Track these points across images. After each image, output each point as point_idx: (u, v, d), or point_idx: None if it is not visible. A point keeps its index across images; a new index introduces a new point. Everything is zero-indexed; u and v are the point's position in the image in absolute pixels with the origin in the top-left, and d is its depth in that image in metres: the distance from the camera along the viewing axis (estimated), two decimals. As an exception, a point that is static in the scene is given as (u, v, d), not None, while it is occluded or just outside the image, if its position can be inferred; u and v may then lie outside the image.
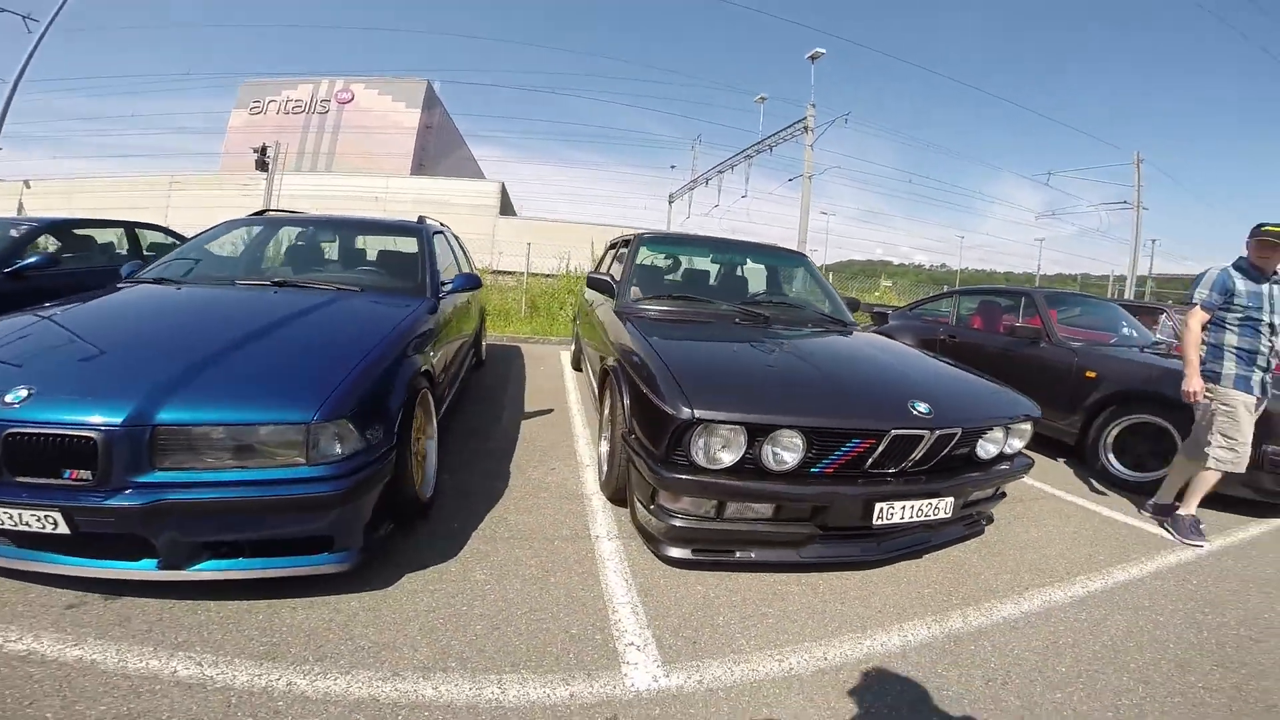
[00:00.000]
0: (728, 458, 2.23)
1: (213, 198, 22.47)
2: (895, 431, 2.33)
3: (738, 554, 2.42)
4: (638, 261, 4.03)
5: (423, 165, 29.69)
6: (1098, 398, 4.11)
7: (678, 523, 2.33)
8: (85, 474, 1.73)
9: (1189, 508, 3.27)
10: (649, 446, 2.37)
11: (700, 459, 2.21)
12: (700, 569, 2.44)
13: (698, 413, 2.16)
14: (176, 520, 1.78)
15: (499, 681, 1.71)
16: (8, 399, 1.73)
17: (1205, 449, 3.12)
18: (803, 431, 2.26)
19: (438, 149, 31.76)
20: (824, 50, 14.04)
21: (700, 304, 3.69)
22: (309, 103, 29.94)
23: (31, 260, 4.13)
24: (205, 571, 1.86)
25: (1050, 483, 4.00)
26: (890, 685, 1.88)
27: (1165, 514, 3.39)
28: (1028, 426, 2.79)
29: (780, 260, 4.59)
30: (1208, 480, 3.18)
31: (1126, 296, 19.25)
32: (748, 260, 4.51)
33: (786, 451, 2.26)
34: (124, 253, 5.58)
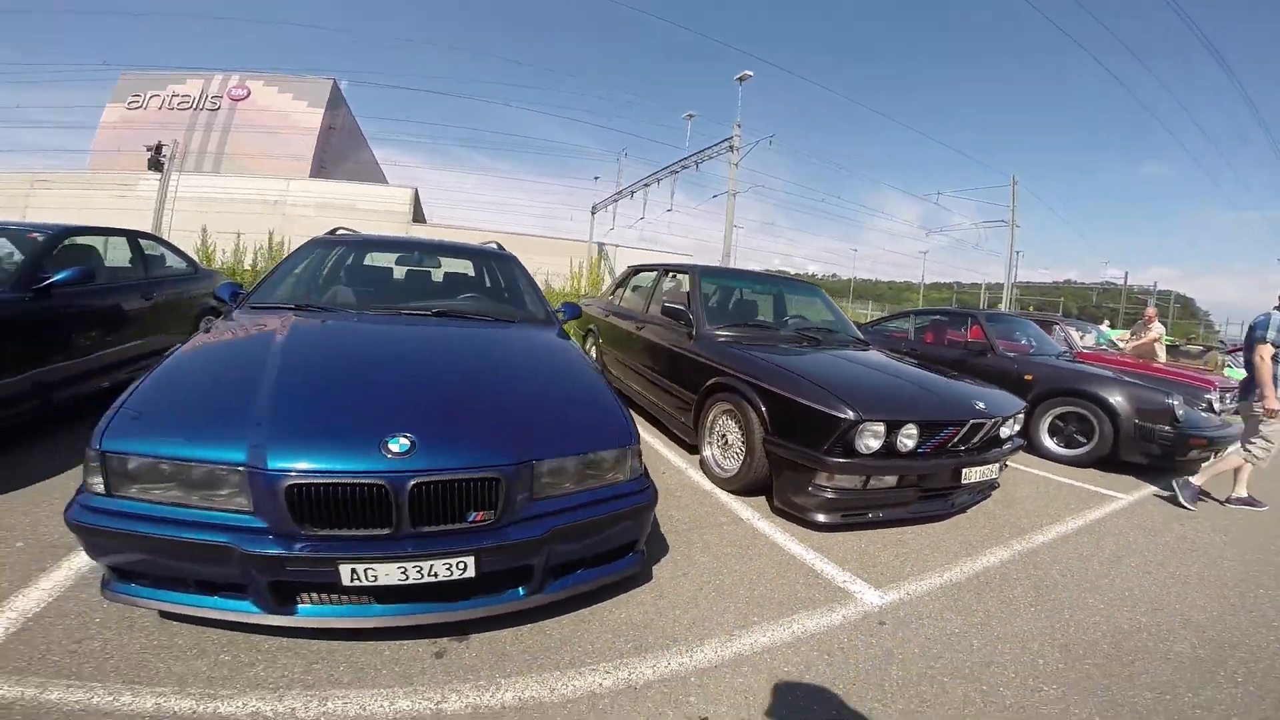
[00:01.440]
0: (875, 445, 3.12)
1: (83, 199, 20.25)
2: (973, 421, 3.37)
3: (869, 515, 3.32)
4: (704, 293, 4.80)
5: (323, 167, 28.22)
6: (1035, 394, 5.47)
7: (829, 495, 3.18)
8: (489, 514, 1.87)
9: (1202, 479, 4.47)
10: (808, 444, 3.19)
11: (861, 448, 3.09)
12: (838, 530, 3.29)
13: (862, 416, 3.05)
14: (555, 546, 1.96)
15: (793, 620, 2.42)
16: (393, 448, 1.79)
17: (1249, 447, 4.31)
18: (919, 424, 3.21)
19: (339, 151, 30.31)
20: (751, 73, 15.53)
21: (769, 330, 4.58)
22: (197, 98, 27.64)
23: (66, 275, 3.64)
24: (558, 592, 2.04)
25: (1013, 461, 5.28)
26: (1004, 584, 2.87)
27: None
28: (1021, 415, 3.93)
29: (807, 292, 5.61)
30: (1233, 465, 4.43)
31: (1003, 304, 22.77)
32: (783, 292, 5.46)
33: (909, 439, 3.20)
34: (128, 264, 5.02)
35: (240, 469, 1.73)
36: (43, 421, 3.55)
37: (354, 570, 1.72)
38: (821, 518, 3.24)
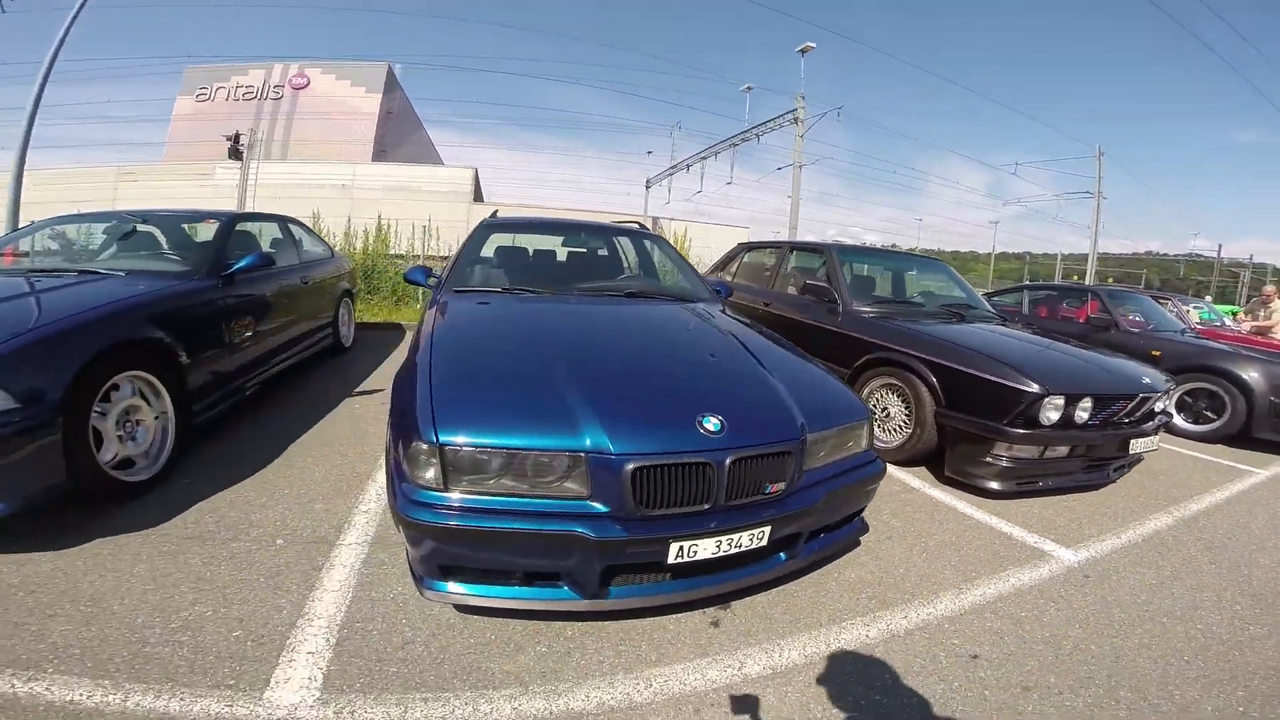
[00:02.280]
0: (1055, 417, 3.36)
1: (165, 189, 21.26)
2: (1141, 395, 3.57)
3: (1040, 483, 3.57)
4: (849, 273, 5.01)
5: (383, 151, 28.92)
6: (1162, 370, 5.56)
7: (1005, 465, 3.44)
8: (781, 485, 1.99)
9: None
10: (988, 415, 3.43)
11: (1043, 420, 3.33)
12: (1010, 497, 3.54)
13: (1048, 389, 3.29)
14: (819, 514, 2.13)
15: (1009, 575, 2.75)
16: (709, 428, 1.90)
17: None
18: (1094, 398, 3.44)
19: (397, 135, 31.00)
20: (814, 44, 15.38)
21: (914, 306, 4.82)
22: (261, 89, 28.48)
23: (249, 261, 3.71)
24: (809, 556, 2.23)
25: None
26: (1177, 545, 3.13)
27: None
28: (1173, 390, 4.08)
29: (934, 268, 5.80)
30: None
31: (1088, 276, 22.36)
32: (913, 268, 5.65)
33: (1085, 411, 3.43)
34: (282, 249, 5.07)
35: (582, 455, 1.79)
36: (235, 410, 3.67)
37: (681, 547, 1.82)
38: (997, 485, 3.50)
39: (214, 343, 3.36)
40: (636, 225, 4.74)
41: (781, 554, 2.13)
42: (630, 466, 1.79)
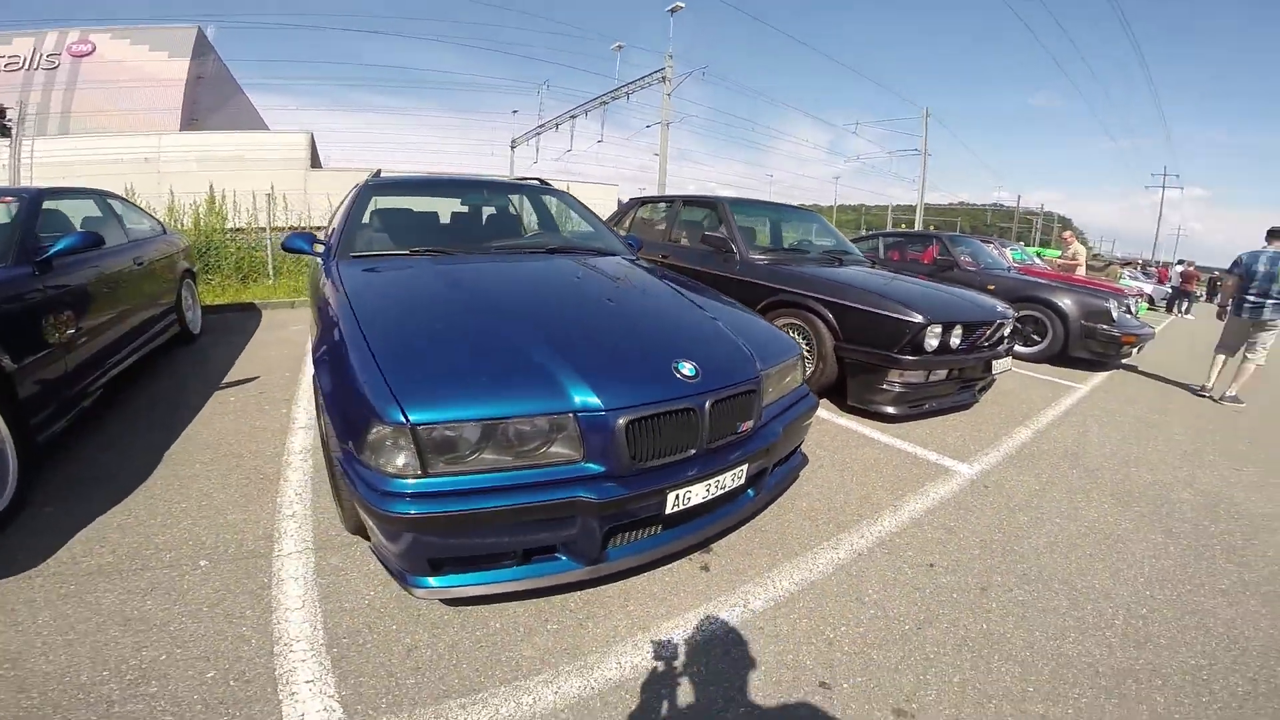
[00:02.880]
0: (935, 344, 3.68)
1: None
2: (999, 320, 4.02)
3: (926, 405, 3.93)
4: (737, 224, 5.09)
5: (194, 120, 25.43)
6: (995, 303, 6.34)
7: (899, 390, 3.75)
8: (749, 424, 2.00)
9: (1235, 388, 5.31)
10: (882, 346, 3.69)
11: (926, 347, 3.63)
12: (904, 420, 3.86)
13: (929, 319, 3.58)
14: (777, 448, 2.16)
15: (928, 491, 2.99)
16: (685, 372, 1.85)
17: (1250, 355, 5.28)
18: (964, 324, 3.81)
19: (211, 101, 27.38)
20: (683, 4, 15.39)
21: (800, 252, 5.02)
22: (29, 59, 23.86)
23: (69, 242, 3.04)
24: (770, 491, 2.26)
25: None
26: (1045, 455, 3.58)
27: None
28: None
29: (809, 218, 6.07)
30: (1251, 371, 5.29)
31: (917, 224, 24.79)
32: (791, 218, 5.88)
33: (957, 337, 3.79)
34: (106, 228, 4.16)
35: (570, 415, 1.65)
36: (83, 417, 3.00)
37: (676, 496, 1.78)
38: (893, 410, 3.79)
39: (40, 342, 2.64)
40: (535, 180, 4.46)
41: (750, 490, 2.14)
42: (622, 420, 1.68)
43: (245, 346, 5.22)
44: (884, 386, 3.75)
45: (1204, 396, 5.48)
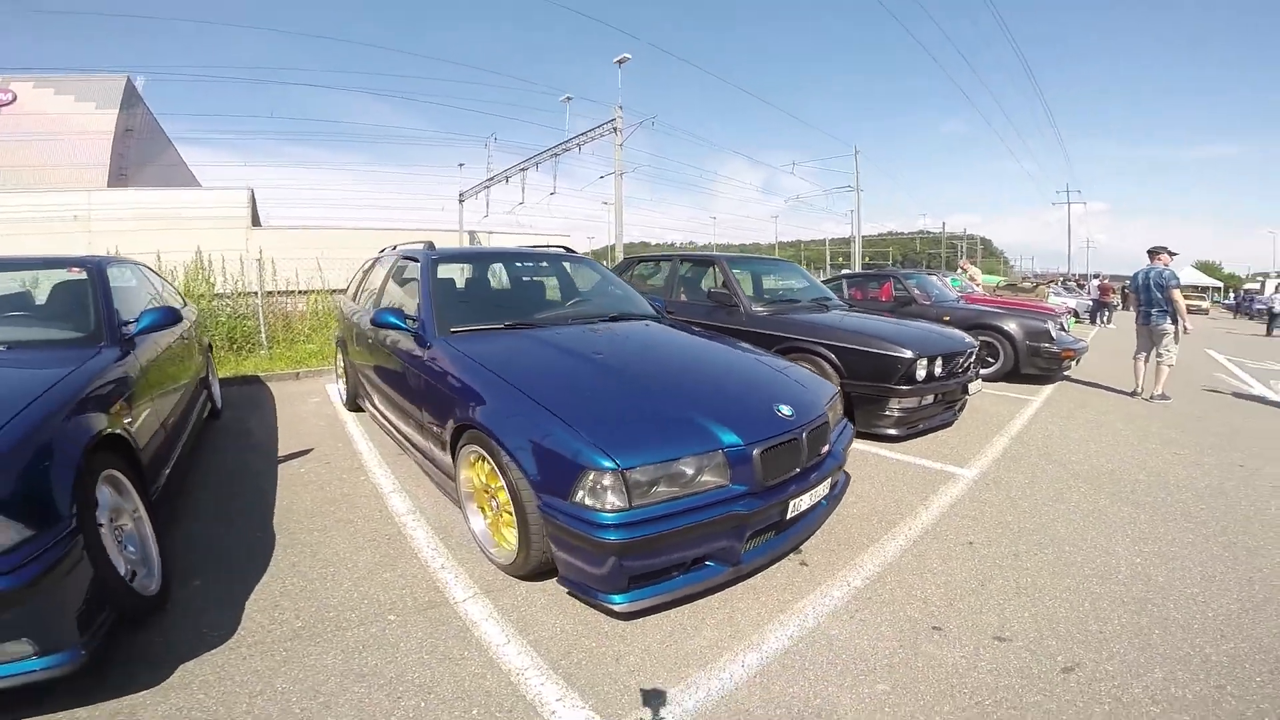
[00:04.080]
0: (923, 374, 4.38)
1: None
2: (969, 350, 4.78)
3: (920, 425, 4.59)
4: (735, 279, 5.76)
5: (123, 174, 24.39)
6: (951, 331, 7.21)
7: (898, 414, 4.41)
8: (826, 447, 2.58)
9: (1159, 387, 6.25)
10: (881, 379, 4.36)
11: (917, 377, 4.33)
12: (904, 440, 4.50)
13: (917, 354, 4.29)
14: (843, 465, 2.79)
15: (942, 493, 3.62)
16: (785, 412, 2.42)
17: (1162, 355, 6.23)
18: (943, 356, 4.54)
19: (141, 155, 26.33)
20: (630, 55, 16.43)
21: (793, 301, 5.73)
22: None
23: (152, 320, 3.08)
24: (839, 499, 2.89)
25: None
26: (1022, 456, 4.28)
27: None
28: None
29: (789, 269, 6.84)
30: (1165, 372, 6.25)
31: (855, 259, 26.31)
32: (775, 271, 6.62)
33: (939, 367, 4.51)
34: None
35: (720, 451, 2.14)
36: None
37: (792, 504, 2.32)
38: (894, 431, 4.44)
39: (149, 421, 2.75)
40: (562, 249, 4.93)
41: (824, 500, 2.61)
42: (757, 451, 2.22)
43: (276, 420, 5.24)
44: (886, 413, 4.40)
45: (1136, 397, 6.40)
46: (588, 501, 2.00)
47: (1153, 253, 6.38)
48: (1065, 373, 7.23)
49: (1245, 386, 7.51)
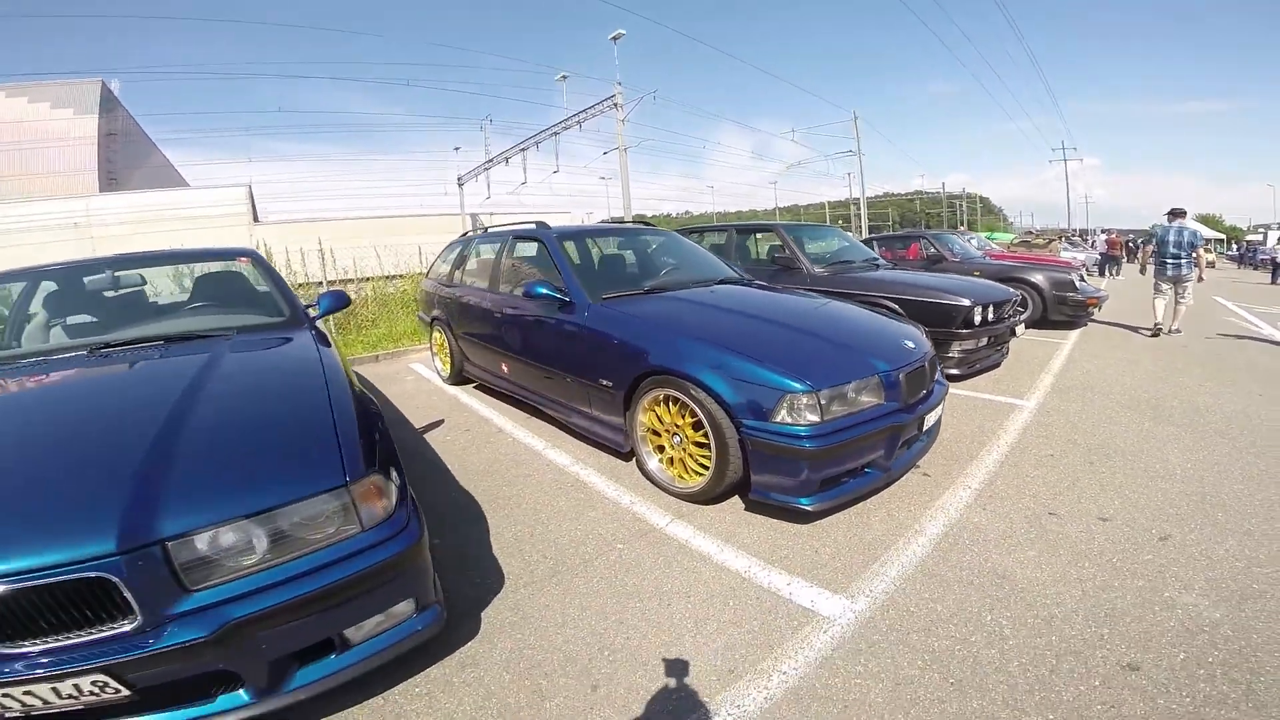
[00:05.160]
0: (978, 320, 4.96)
1: None
2: (1012, 300, 5.38)
3: (977, 365, 5.19)
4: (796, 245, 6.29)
5: (112, 180, 24.34)
6: (981, 284, 7.78)
7: (959, 355, 5.00)
8: (935, 375, 3.07)
9: (1175, 322, 7.16)
10: (944, 325, 4.93)
11: (975, 321, 4.91)
12: (967, 378, 5.09)
13: (974, 301, 4.87)
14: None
15: (1017, 415, 4.22)
16: (909, 345, 3.07)
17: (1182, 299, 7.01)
18: (994, 304, 5.12)
19: (127, 159, 26.23)
20: (624, 31, 16.51)
21: (848, 262, 6.27)
22: None
23: (330, 303, 3.34)
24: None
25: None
26: (1070, 389, 4.89)
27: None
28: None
29: (832, 232, 7.36)
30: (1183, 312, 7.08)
31: (862, 221, 26.74)
32: (819, 235, 7.15)
33: (991, 313, 5.09)
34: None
35: (877, 376, 2.69)
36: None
37: (925, 418, 2.91)
38: (957, 370, 5.02)
39: None
40: (643, 223, 5.43)
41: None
42: (902, 375, 2.80)
43: (388, 398, 5.60)
44: (949, 354, 4.98)
45: (1156, 333, 7.12)
46: (788, 419, 2.54)
47: (1174, 213, 7.14)
48: (1090, 319, 7.84)
49: (1255, 329, 8.12)
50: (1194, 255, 7.11)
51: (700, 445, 2.88)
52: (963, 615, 2.05)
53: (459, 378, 5.57)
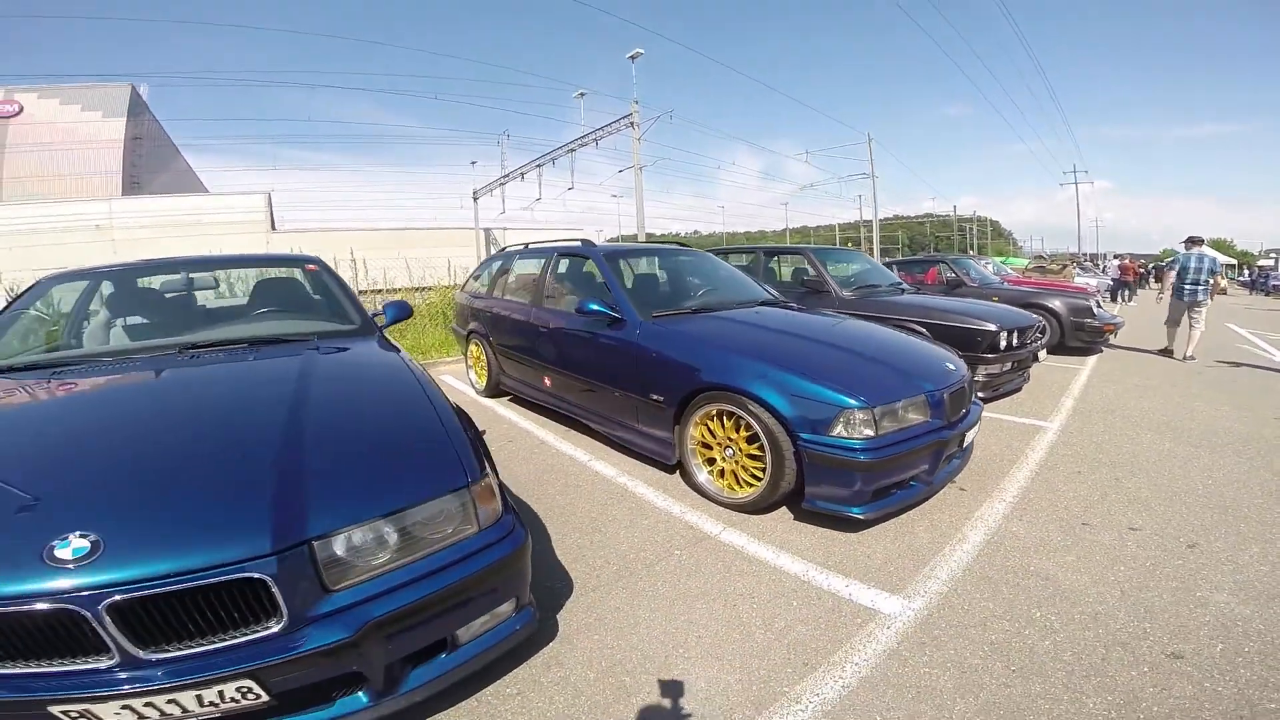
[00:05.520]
0: (1004, 344, 5.16)
1: None
2: (1034, 326, 5.58)
3: (1001, 388, 5.37)
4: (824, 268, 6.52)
5: (135, 183, 24.92)
6: (999, 309, 7.98)
7: (985, 379, 5.18)
8: (973, 398, 3.27)
9: (1190, 349, 7.40)
10: (970, 349, 5.11)
11: (1000, 346, 5.10)
12: (991, 401, 5.26)
13: (1000, 326, 5.08)
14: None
15: (1040, 440, 4.40)
16: (950, 366, 3.31)
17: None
18: (1017, 330, 5.32)
19: (152, 164, 26.86)
20: (643, 50, 16.91)
21: (873, 285, 6.49)
22: None
23: (394, 313, 3.44)
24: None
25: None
26: (1091, 410, 5.07)
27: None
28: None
29: (855, 256, 7.58)
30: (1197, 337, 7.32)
31: (874, 243, 26.97)
32: (841, 258, 7.38)
33: (1015, 339, 5.29)
34: None
35: (922, 396, 2.89)
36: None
37: (966, 435, 3.16)
38: (983, 394, 5.20)
39: None
40: (679, 244, 5.67)
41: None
42: (946, 395, 3.00)
43: None
44: (977, 378, 5.16)
45: (1171, 358, 7.38)
46: (845, 433, 2.73)
47: (1193, 240, 7.51)
48: (1106, 345, 8.02)
49: (1269, 356, 8.31)
50: (1211, 282, 7.39)
51: (753, 458, 3.06)
52: (1014, 612, 2.23)
53: (494, 390, 5.73)
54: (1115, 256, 25.09)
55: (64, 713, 1.31)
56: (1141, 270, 21.80)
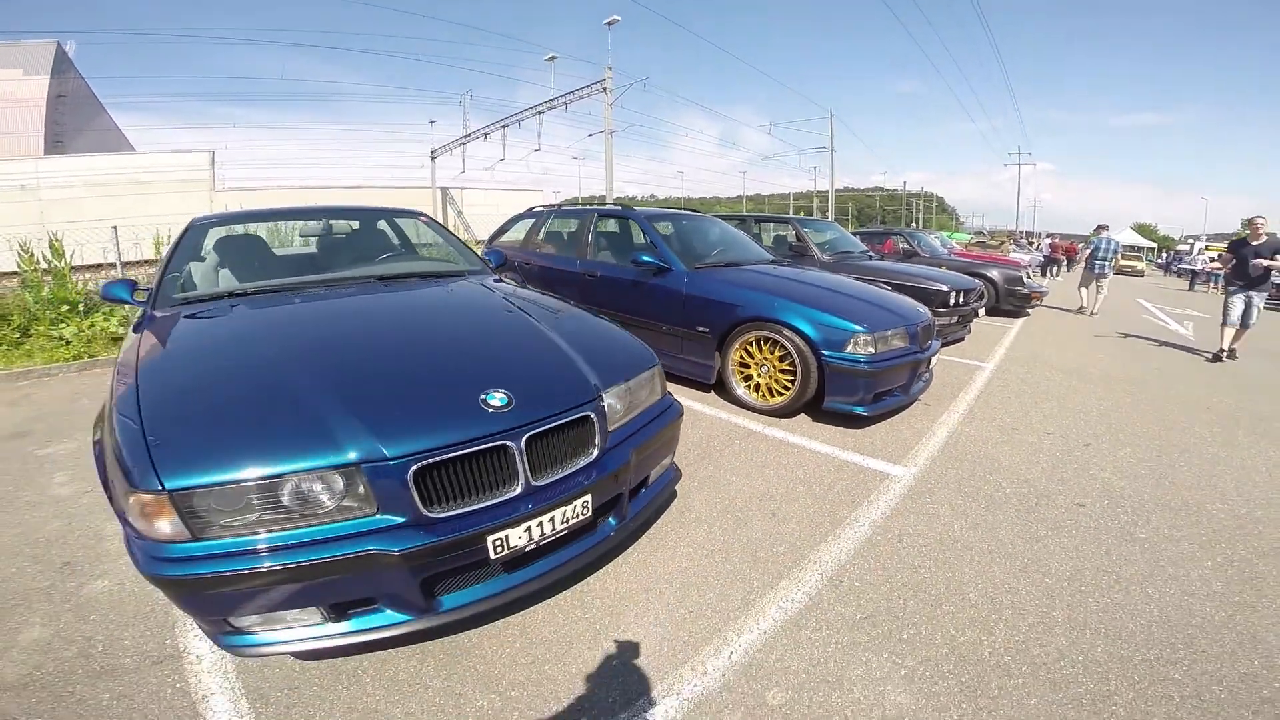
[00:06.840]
0: (953, 301, 6.39)
1: None
2: (978, 288, 6.85)
3: (950, 337, 6.62)
4: (809, 236, 7.60)
5: (59, 142, 23.05)
6: (946, 277, 9.30)
7: (937, 328, 6.43)
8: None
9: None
10: (932, 305, 6.34)
11: (951, 303, 6.34)
12: (944, 347, 6.51)
13: (950, 287, 6.31)
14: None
15: (976, 381, 5.66)
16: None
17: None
18: (963, 291, 6.57)
19: (75, 122, 24.93)
20: (619, 17, 17.29)
21: (847, 252, 7.62)
22: None
23: (499, 260, 4.01)
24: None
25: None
26: (1024, 359, 6.41)
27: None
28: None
29: (830, 227, 8.68)
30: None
31: (829, 214, 28.01)
32: (820, 227, 8.46)
33: (961, 297, 6.54)
34: None
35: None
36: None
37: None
38: (935, 340, 6.44)
39: None
40: (690, 209, 6.45)
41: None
42: (919, 328, 4.12)
43: None
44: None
45: (1083, 314, 9.17)
46: (854, 350, 3.81)
47: (1101, 227, 9.56)
48: (1032, 308, 9.53)
49: (1163, 324, 9.97)
50: (1114, 259, 9.34)
51: (785, 373, 4.12)
52: (977, 476, 3.39)
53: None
54: (1048, 236, 27.66)
55: (493, 541, 1.71)
56: (1075, 250, 24.07)
